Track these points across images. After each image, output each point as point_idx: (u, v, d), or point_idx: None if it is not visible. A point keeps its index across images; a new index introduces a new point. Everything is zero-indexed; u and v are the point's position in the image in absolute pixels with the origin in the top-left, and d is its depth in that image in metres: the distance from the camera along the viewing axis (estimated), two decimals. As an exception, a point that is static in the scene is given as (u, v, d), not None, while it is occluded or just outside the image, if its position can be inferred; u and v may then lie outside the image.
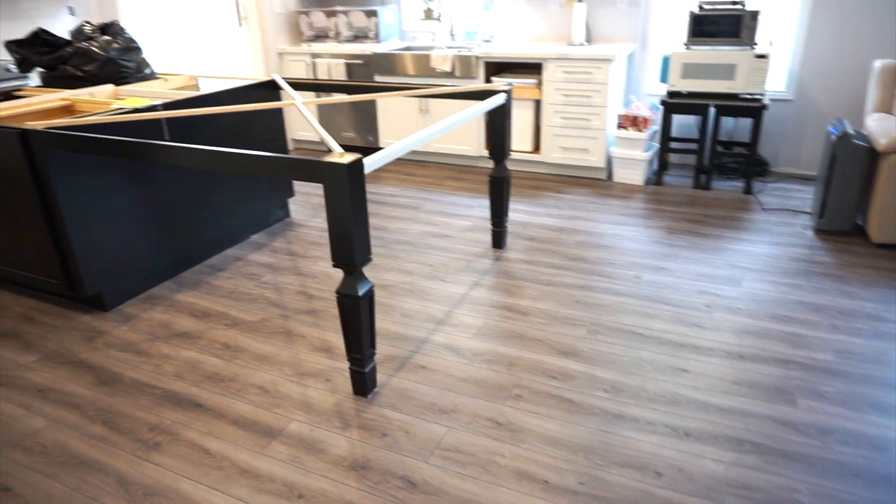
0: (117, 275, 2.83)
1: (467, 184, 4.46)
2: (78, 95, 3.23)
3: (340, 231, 1.91)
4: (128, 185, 2.81)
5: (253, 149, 3.50)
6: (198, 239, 3.24)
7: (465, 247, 3.40)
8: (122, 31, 3.62)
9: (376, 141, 5.08)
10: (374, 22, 4.94)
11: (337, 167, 1.82)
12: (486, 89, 3.00)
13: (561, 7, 4.65)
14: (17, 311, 2.87)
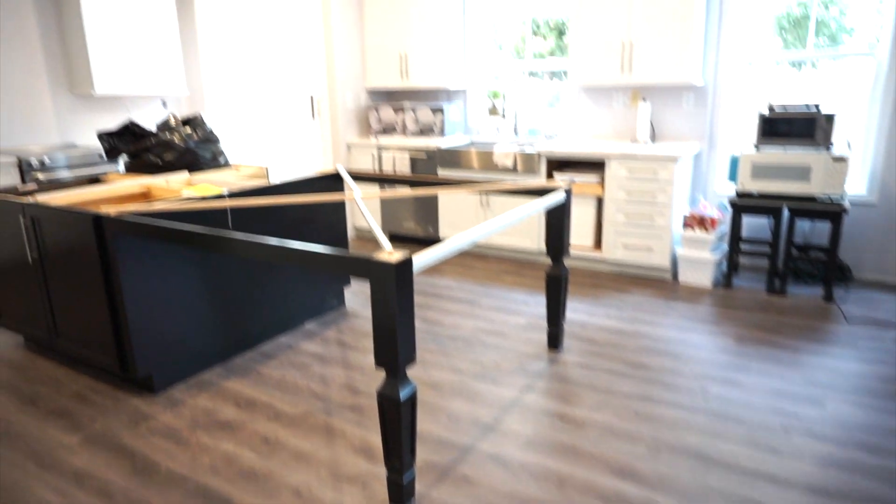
0: (169, 358, 2.85)
1: (525, 279, 4.36)
2: (155, 182, 3.41)
3: (385, 329, 1.85)
4: (187, 268, 2.88)
5: (314, 237, 3.58)
6: (252, 324, 3.26)
7: (520, 346, 3.27)
8: (203, 123, 3.85)
9: (436, 232, 5.11)
10: (439, 118, 5.09)
11: (385, 266, 1.79)
12: (545, 187, 2.96)
13: (625, 106, 4.67)
14: (73, 388, 2.91)
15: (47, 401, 2.80)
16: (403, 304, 1.84)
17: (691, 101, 4.42)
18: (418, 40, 5.11)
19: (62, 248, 2.79)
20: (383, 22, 5.26)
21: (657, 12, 4.09)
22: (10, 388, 2.93)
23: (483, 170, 4.75)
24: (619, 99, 4.69)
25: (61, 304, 2.94)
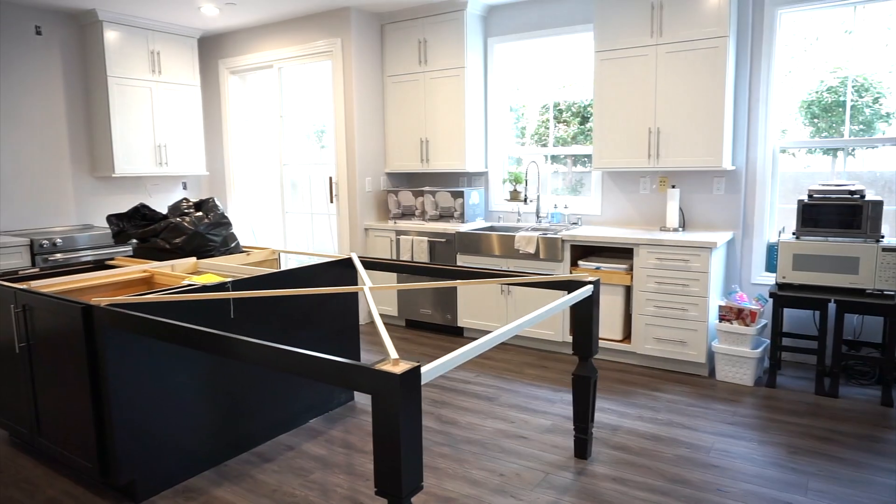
0: (156, 461, 2.59)
1: (549, 372, 4.06)
2: (159, 268, 3.26)
3: (386, 452, 1.59)
4: (181, 361, 2.66)
5: (324, 326, 3.36)
6: (250, 422, 2.99)
7: (543, 453, 2.94)
8: (216, 207, 3.75)
9: (455, 319, 4.87)
10: (459, 202, 4.97)
11: (388, 377, 1.55)
12: (569, 278, 2.74)
13: (653, 191, 4.50)
14: (48, 493, 2.65)
15: (19, 509, 2.53)
16: (409, 422, 1.58)
17: (722, 187, 4.23)
18: (439, 125, 5.07)
19: (51, 339, 2.61)
20: (404, 107, 5.26)
21: (683, 98, 3.99)
22: (-17, 492, 2.67)
23: (504, 255, 4.55)
24: (645, 185, 4.52)
25: (46, 399, 2.73)
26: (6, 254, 4.34)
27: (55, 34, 5.06)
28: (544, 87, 5.00)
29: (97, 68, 5.11)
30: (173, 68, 5.48)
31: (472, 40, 4.93)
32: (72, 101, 5.20)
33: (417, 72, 5.13)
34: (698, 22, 3.88)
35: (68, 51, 5.15)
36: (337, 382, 1.65)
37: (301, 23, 5.31)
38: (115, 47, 5.07)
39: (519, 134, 5.23)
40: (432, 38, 5.01)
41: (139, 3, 4.76)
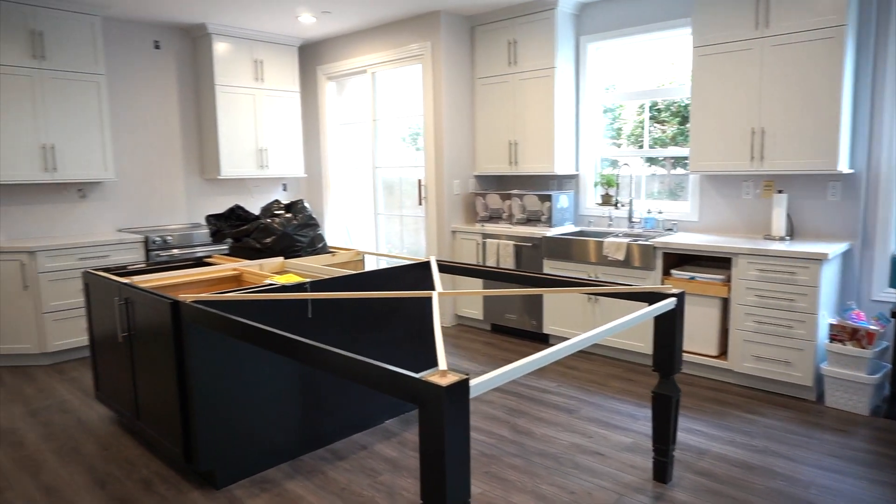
0: (234, 452, 2.71)
1: (635, 386, 3.86)
2: (248, 266, 3.42)
3: (432, 464, 1.55)
4: (262, 358, 2.77)
5: (401, 328, 3.39)
6: (326, 420, 3.07)
7: (620, 473, 2.79)
8: (305, 208, 3.88)
9: (540, 326, 4.75)
10: (547, 206, 4.85)
11: (434, 389, 1.52)
12: (653, 290, 2.58)
13: (756, 197, 4.16)
14: (143, 473, 2.85)
15: (115, 485, 2.74)
16: (455, 435, 1.54)
17: (838, 192, 3.83)
18: (528, 127, 4.98)
19: (147, 331, 2.81)
20: (493, 109, 5.21)
21: (792, 94, 3.65)
22: (88, 466, 2.92)
23: (592, 262, 4.38)
24: (748, 189, 4.19)
25: (143, 386, 2.94)
26: (123, 249, 4.74)
27: (171, 47, 5.48)
28: (641, 85, 4.77)
29: (206, 77, 5.47)
30: (275, 76, 5.76)
31: (563, 39, 4.79)
32: (184, 109, 5.61)
33: (507, 73, 5.07)
34: (811, 10, 3.54)
35: (182, 62, 5.55)
36: (385, 390, 1.64)
37: (393, 28, 5.41)
38: (222, 57, 5.40)
39: (614, 135, 5.02)
40: (522, 39, 4.92)
41: (244, 16, 5.04)
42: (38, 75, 4.46)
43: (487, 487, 2.68)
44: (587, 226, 5.06)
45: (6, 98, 4.34)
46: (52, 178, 4.58)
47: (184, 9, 4.85)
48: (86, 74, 4.68)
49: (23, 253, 4.29)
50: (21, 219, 4.74)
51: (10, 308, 4.33)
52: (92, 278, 3.27)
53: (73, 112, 4.64)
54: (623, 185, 4.84)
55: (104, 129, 4.80)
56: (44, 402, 3.75)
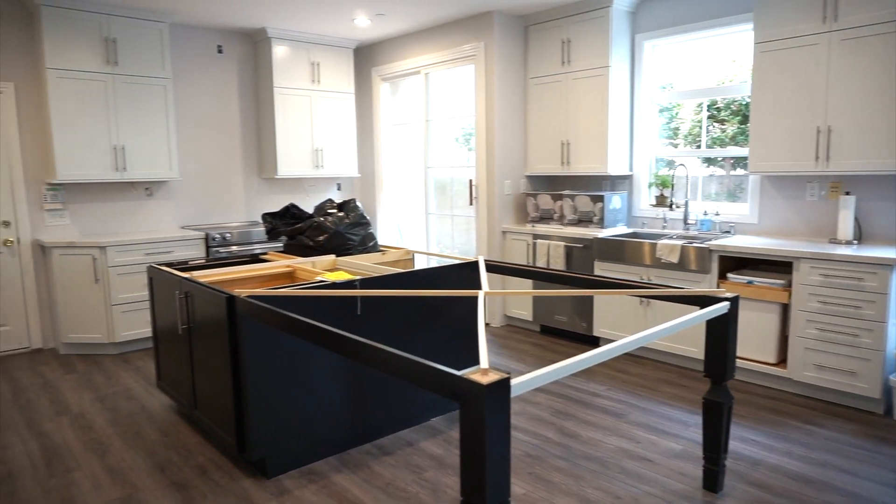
0: (285, 443, 2.79)
1: (687, 392, 3.76)
2: (301, 264, 3.52)
3: (472, 462, 1.56)
4: (313, 353, 2.85)
5: (448, 327, 3.41)
6: (374, 416, 3.12)
7: (668, 480, 2.73)
8: (357, 208, 3.96)
9: (590, 328, 4.69)
10: (599, 207, 4.78)
11: (475, 386, 1.53)
12: (705, 294, 2.51)
13: (821, 198, 3.98)
14: (199, 460, 2.97)
15: (173, 470, 2.87)
16: (495, 434, 1.55)
17: (912, 195, 3.63)
18: (581, 127, 4.92)
19: (205, 324, 2.93)
20: (545, 109, 5.17)
21: (862, 91, 3.47)
22: (149, 451, 3.07)
23: (644, 264, 4.30)
24: (813, 190, 4.02)
25: (200, 376, 3.07)
26: (186, 245, 4.95)
27: (233, 51, 5.68)
28: (699, 83, 4.64)
29: (265, 80, 5.65)
30: (331, 77, 5.89)
31: (618, 38, 4.71)
32: (244, 110, 5.80)
33: (560, 73, 5.02)
34: (882, 2, 3.36)
35: (243, 65, 5.75)
36: (427, 387, 1.66)
37: (446, 29, 5.44)
38: (280, 60, 5.57)
39: (670, 135, 4.90)
40: (576, 38, 4.87)
41: (302, 19, 5.18)
42: (110, 80, 4.71)
43: (531, 488, 2.67)
44: (640, 227, 4.96)
45: (83, 102, 4.61)
46: (122, 178, 4.83)
47: (246, 14, 5.03)
48: (154, 79, 4.91)
49: (94, 248, 4.54)
50: (93, 215, 5.02)
51: (83, 300, 4.59)
52: (155, 272, 3.44)
53: (142, 115, 4.88)
54: (679, 185, 4.72)
55: (170, 131, 5.03)
56: (111, 389, 3.96)
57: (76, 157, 4.61)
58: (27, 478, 2.84)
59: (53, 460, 3.01)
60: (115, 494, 2.68)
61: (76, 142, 4.60)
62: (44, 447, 3.15)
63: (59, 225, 4.88)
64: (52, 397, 3.84)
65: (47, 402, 3.76)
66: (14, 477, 2.85)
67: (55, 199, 4.84)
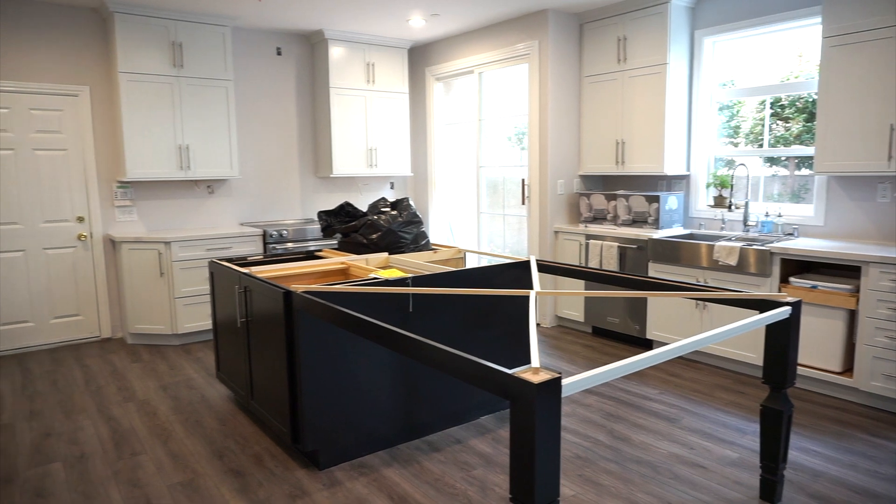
0: (337, 436, 2.86)
1: (744, 399, 3.65)
2: (355, 261, 3.59)
3: (522, 459, 1.57)
4: (366, 349, 2.91)
5: (499, 326, 3.42)
6: (424, 411, 3.16)
7: (722, 488, 2.66)
8: (409, 206, 4.01)
9: (643, 331, 4.61)
10: (654, 207, 4.69)
11: (526, 385, 1.53)
12: (765, 297, 2.43)
13: (893, 200, 3.79)
14: (255, 449, 3.08)
15: (231, 457, 2.99)
16: (545, 433, 1.55)
17: None
18: (636, 126, 4.83)
19: (262, 318, 3.03)
20: (600, 107, 5.10)
21: (941, 88, 3.29)
22: (209, 439, 3.20)
23: (701, 266, 4.19)
24: (885, 191, 3.83)
25: (257, 368, 3.17)
26: (245, 242, 5.12)
27: (292, 53, 5.83)
28: (762, 80, 4.48)
29: (322, 80, 5.78)
30: (385, 77, 5.98)
31: (677, 34, 4.61)
32: (301, 111, 5.95)
33: (615, 70, 4.94)
34: (966, -6, 3.17)
35: (300, 67, 5.90)
36: (478, 384, 1.67)
37: (500, 28, 5.44)
38: (336, 61, 5.68)
39: (731, 133, 4.76)
40: (633, 35, 4.78)
41: (358, 21, 5.28)
42: (176, 82, 4.92)
43: (580, 490, 2.65)
44: (697, 228, 4.83)
45: (151, 104, 4.83)
46: (186, 176, 5.03)
47: (304, 16, 5.16)
48: (217, 80, 5.10)
49: (160, 243, 4.76)
50: (159, 212, 5.25)
51: (149, 292, 4.81)
52: (217, 267, 3.57)
53: (205, 115, 5.08)
54: (739, 186, 4.58)
55: (231, 131, 5.21)
56: (174, 379, 4.14)
57: (144, 156, 4.84)
58: (98, 459, 3.01)
59: (121, 443, 3.17)
60: (177, 478, 2.81)
61: (144, 142, 4.83)
62: (113, 431, 3.33)
63: (128, 221, 5.13)
64: (120, 384, 4.05)
65: (115, 389, 3.96)
66: (87, 458, 3.02)
67: (125, 196, 5.09)
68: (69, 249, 4.91)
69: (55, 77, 4.76)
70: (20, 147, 4.66)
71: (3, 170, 4.61)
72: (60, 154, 4.82)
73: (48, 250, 4.83)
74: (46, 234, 4.81)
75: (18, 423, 3.45)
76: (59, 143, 4.80)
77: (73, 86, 4.82)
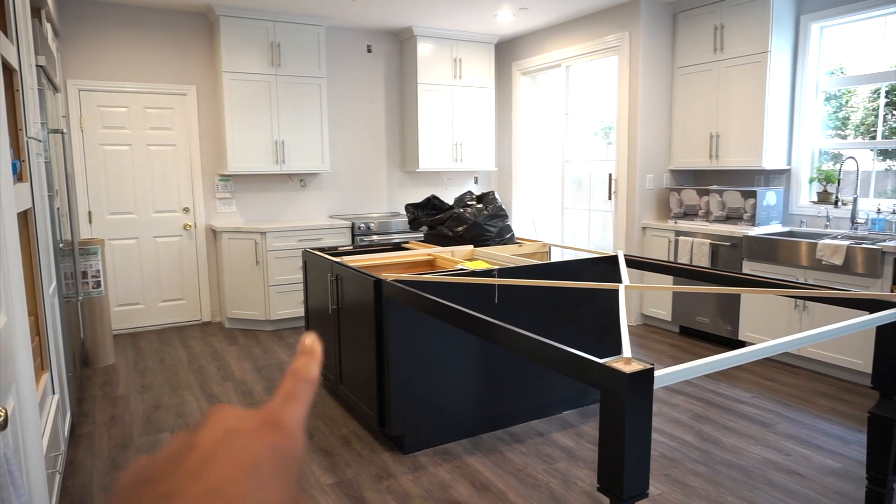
0: (422, 422, 2.94)
1: (847, 407, 3.43)
2: (441, 252, 3.65)
3: (611, 450, 1.56)
4: (452, 338, 2.96)
5: (586, 320, 3.39)
6: (507, 403, 3.18)
7: (822, 497, 2.52)
8: (495, 200, 4.04)
9: (735, 332, 4.42)
10: (750, 203, 4.47)
11: (617, 375, 1.53)
12: (874, 297, 2.28)
13: None
14: (343, 431, 3.21)
15: (320, 437, 3.13)
16: (636, 424, 1.53)
17: None
18: (732, 118, 4.62)
19: (353, 305, 3.15)
20: (693, 100, 4.92)
21: None
22: (301, 420, 3.36)
23: (802, 265, 3.96)
24: None
25: (347, 353, 3.30)
26: (334, 233, 5.32)
27: (381, 50, 5.99)
28: (876, 67, 4.17)
29: (410, 76, 5.89)
30: (471, 73, 6.02)
31: (780, 20, 4.37)
32: (389, 106, 6.10)
33: (711, 61, 4.75)
34: None
35: (389, 63, 6.04)
36: (569, 373, 1.68)
37: (588, 20, 5.35)
38: (424, 57, 5.78)
39: (839, 125, 4.46)
40: (731, 23, 4.58)
41: (445, 17, 5.35)
42: (274, 81, 5.17)
43: (667, 490, 2.59)
44: (798, 226, 4.57)
45: (251, 101, 5.10)
46: (281, 170, 5.29)
47: (395, 14, 5.28)
48: (311, 78, 5.32)
49: (256, 233, 5.03)
50: (255, 204, 5.54)
51: (245, 280, 5.10)
52: (310, 256, 3.74)
53: (299, 112, 5.31)
54: (846, 181, 4.29)
55: (323, 127, 5.42)
56: (267, 361, 4.37)
57: (243, 151, 5.12)
58: (201, 432, 3.23)
59: (222, 419, 3.39)
60: (272, 454, 2.97)
61: (244, 137, 5.11)
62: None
63: (228, 212, 5.45)
64: (219, 365, 4.32)
65: (215, 369, 4.23)
66: (191, 430, 3.25)
67: (225, 188, 5.41)
68: (176, 238, 5.28)
69: (167, 78, 5.12)
70: (136, 143, 5.05)
71: (122, 164, 5.01)
72: (170, 149, 5.18)
73: (158, 238, 5.21)
74: (157, 223, 5.19)
75: (132, 395, 3.76)
76: (169, 139, 5.17)
77: (182, 85, 5.17)
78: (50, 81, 3.33)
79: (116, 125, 4.97)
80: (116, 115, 4.96)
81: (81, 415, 3.46)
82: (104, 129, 4.93)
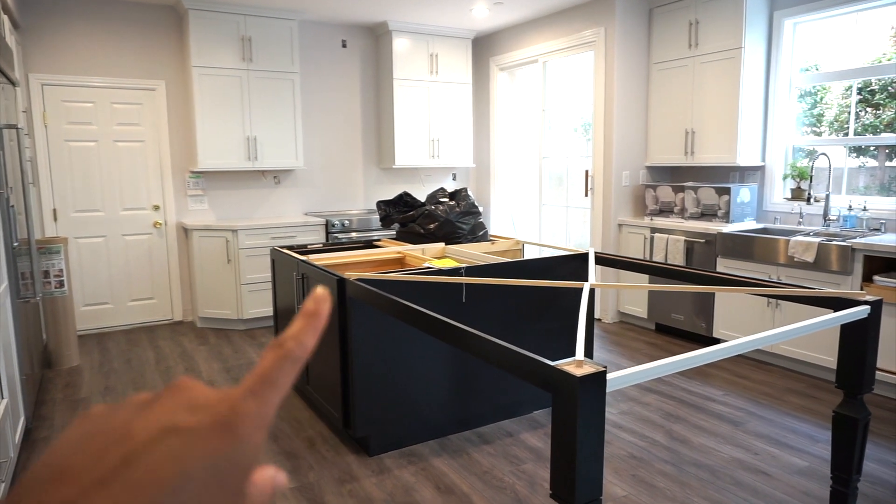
0: (388, 424, 2.88)
1: (817, 405, 3.42)
2: (411, 250, 3.60)
3: (562, 456, 1.52)
4: (419, 335, 2.91)
5: (555, 319, 3.35)
6: (476, 404, 3.14)
7: (788, 497, 2.50)
8: (468, 197, 3.98)
9: (709, 329, 4.40)
10: (724, 200, 4.46)
11: (567, 378, 1.48)
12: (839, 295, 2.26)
13: None
14: (308, 433, 3.14)
15: (285, 440, 3.06)
16: (589, 428, 1.49)
17: None
18: (707, 114, 4.60)
19: (317, 304, 3.08)
20: (669, 96, 4.89)
21: None
22: (267, 422, 3.29)
23: (775, 262, 3.95)
24: None
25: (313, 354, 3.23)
26: (308, 231, 5.24)
27: (356, 45, 5.91)
28: (850, 63, 4.17)
29: (385, 72, 5.82)
30: (448, 68, 5.96)
31: (754, 16, 4.35)
32: (365, 102, 6.02)
33: (686, 57, 4.73)
34: None
35: (365, 59, 5.96)
36: (519, 374, 1.63)
37: (565, 15, 5.31)
38: (400, 52, 5.71)
39: (813, 122, 4.46)
40: (705, 18, 4.55)
41: (421, 11, 5.28)
42: (245, 76, 5.08)
43: (633, 491, 2.56)
44: (772, 223, 4.56)
45: (222, 97, 5.01)
46: (254, 167, 5.20)
47: (369, 8, 5.21)
48: (284, 73, 5.23)
49: (228, 231, 4.94)
50: (227, 201, 5.45)
51: (216, 279, 5.01)
52: (278, 255, 3.67)
53: (272, 107, 5.22)
54: (819, 177, 4.29)
55: (297, 123, 5.33)
56: (237, 361, 4.29)
57: (215, 147, 5.02)
58: (163, 435, 3.15)
59: (185, 421, 3.31)
60: (234, 457, 2.90)
61: (215, 133, 5.01)
62: (178, 409, 3.48)
63: (200, 209, 5.35)
64: (188, 365, 4.23)
65: (183, 370, 4.14)
66: (152, 433, 3.17)
67: (196, 185, 5.31)
68: (145, 236, 5.17)
69: (135, 72, 5.01)
70: (103, 139, 4.94)
71: (88, 160, 4.90)
72: (138, 145, 5.07)
73: (127, 237, 5.10)
74: (125, 221, 5.08)
75: (95, 397, 3.67)
76: (137, 135, 5.06)
77: (150, 80, 5.06)
78: (5, 75, 3.22)
79: (82, 121, 4.85)
80: (82, 110, 4.84)
81: (39, 418, 3.37)
82: (69, 124, 4.81)
